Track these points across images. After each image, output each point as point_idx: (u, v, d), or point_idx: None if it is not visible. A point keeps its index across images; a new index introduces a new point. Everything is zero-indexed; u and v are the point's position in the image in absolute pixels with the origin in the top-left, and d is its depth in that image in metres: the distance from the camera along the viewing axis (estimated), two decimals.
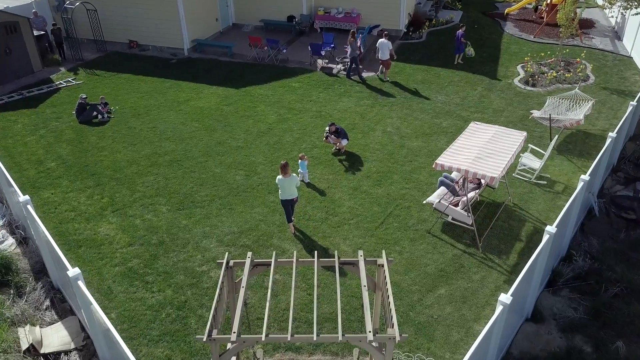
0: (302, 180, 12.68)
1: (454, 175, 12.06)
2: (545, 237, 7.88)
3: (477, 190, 11.13)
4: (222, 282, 6.19)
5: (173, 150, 14.28)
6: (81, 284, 6.71)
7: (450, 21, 24.86)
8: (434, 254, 10.45)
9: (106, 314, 8.82)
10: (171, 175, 13.14)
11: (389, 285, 6.18)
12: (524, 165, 13.06)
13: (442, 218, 11.24)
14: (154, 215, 11.57)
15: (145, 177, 13.06)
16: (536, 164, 12.91)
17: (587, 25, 24.14)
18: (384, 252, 6.82)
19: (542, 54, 20.69)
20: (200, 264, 10.13)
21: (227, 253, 6.73)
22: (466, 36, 20.02)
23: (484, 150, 10.46)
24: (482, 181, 11.36)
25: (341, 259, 6.57)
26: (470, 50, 20.15)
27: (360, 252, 6.64)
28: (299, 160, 12.70)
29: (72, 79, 19.11)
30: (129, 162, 13.70)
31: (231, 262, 6.61)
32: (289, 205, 10.82)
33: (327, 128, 14.01)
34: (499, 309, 6.54)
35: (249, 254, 6.69)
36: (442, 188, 11.46)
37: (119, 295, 9.33)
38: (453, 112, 16.36)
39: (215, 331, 5.70)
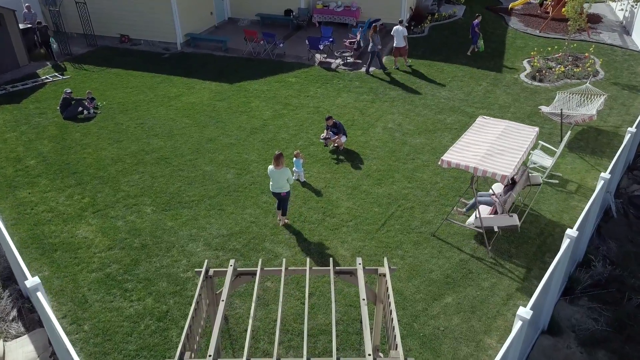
0: (298, 180, 11.86)
1: (490, 191, 11.14)
2: (566, 242, 7.06)
3: (511, 192, 10.21)
4: (200, 295, 5.37)
5: (161, 148, 13.46)
6: (41, 295, 5.89)
7: (453, 15, 24.09)
8: (440, 258, 9.63)
9: (79, 325, 8.03)
10: (158, 173, 12.32)
11: (391, 299, 5.36)
12: (535, 163, 12.24)
13: (453, 221, 10.38)
14: (138, 217, 10.75)
15: (130, 175, 12.23)
16: (547, 161, 12.09)
17: (594, 20, 23.37)
18: (385, 259, 6.00)
19: (549, 49, 19.90)
20: (185, 269, 9.31)
21: (206, 260, 5.91)
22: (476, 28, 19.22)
23: (494, 147, 9.64)
24: (516, 178, 10.44)
25: (337, 268, 5.75)
26: (480, 44, 19.42)
27: (359, 260, 5.82)
28: (294, 158, 11.90)
29: (59, 74, 18.29)
30: (114, 160, 12.88)
31: (211, 271, 5.79)
32: (277, 198, 10.20)
33: (324, 133, 13.16)
34: (517, 324, 5.71)
35: (232, 262, 5.86)
36: (482, 207, 10.45)
37: (94, 304, 8.49)
38: (457, 107, 15.55)
39: (187, 354, 4.87)
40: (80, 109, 15.23)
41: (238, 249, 9.83)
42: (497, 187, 11.00)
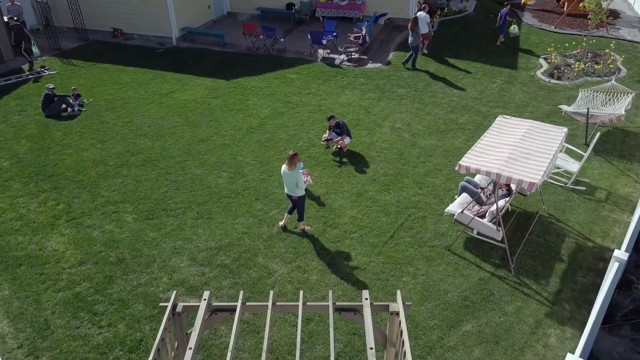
0: None
1: (477, 179, 10.06)
2: (614, 267, 5.89)
3: (507, 198, 9.11)
4: (163, 340, 4.21)
5: (148, 148, 12.33)
6: None
7: (464, 10, 22.86)
8: (456, 277, 8.45)
9: (36, 358, 6.88)
10: (143, 177, 11.19)
11: (406, 345, 4.18)
12: (559, 168, 11.05)
13: (465, 232, 9.23)
14: (117, 226, 9.62)
15: (111, 179, 11.10)
16: (573, 166, 10.90)
17: (612, 15, 22.13)
18: (399, 293, 4.82)
19: (567, 45, 18.67)
20: (165, 289, 8.16)
21: (173, 292, 4.77)
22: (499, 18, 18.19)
23: (517, 150, 8.46)
24: (512, 187, 9.36)
25: (338, 304, 4.58)
26: (514, 29, 18.82)
27: (366, 294, 4.64)
28: None
29: (45, 69, 17.19)
30: (95, 162, 11.75)
31: (179, 306, 4.63)
32: (290, 200, 9.22)
33: (326, 133, 12.00)
34: None
35: (205, 294, 4.70)
36: (465, 195, 9.47)
37: (57, 331, 7.35)
38: (470, 106, 14.35)
39: None
40: (63, 106, 14.12)
41: (227, 265, 8.67)
42: (482, 177, 9.94)
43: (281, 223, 9.48)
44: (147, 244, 9.13)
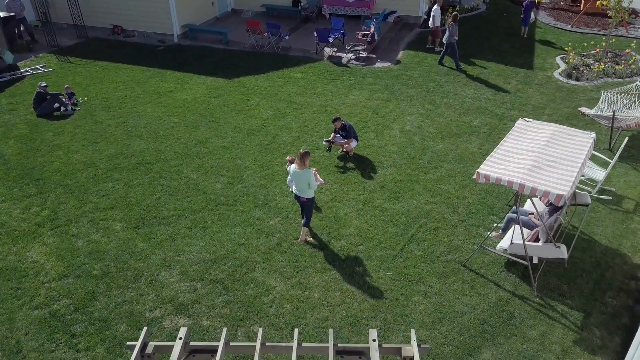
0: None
1: (527, 207, 9.18)
2: None
3: (557, 212, 8.22)
4: None
5: (143, 151, 11.61)
6: None
7: (476, 8, 22.09)
8: (472, 296, 7.66)
9: None
10: (135, 181, 10.47)
11: None
12: (582, 176, 10.22)
13: (489, 249, 8.39)
14: (104, 235, 8.90)
15: (101, 183, 10.40)
16: (599, 173, 10.08)
17: (632, 14, 21.25)
18: (413, 332, 4.04)
19: (585, 44, 17.82)
20: (152, 307, 7.42)
21: (144, 328, 4.03)
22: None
23: (542, 157, 7.66)
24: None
25: (340, 346, 3.82)
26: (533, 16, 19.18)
27: (373, 334, 3.87)
28: (287, 165, 10.00)
29: (41, 66, 16.55)
30: (86, 165, 11.05)
31: (150, 346, 3.89)
32: (298, 202, 8.61)
33: (331, 136, 11.24)
34: None
35: (182, 332, 3.96)
36: (515, 228, 8.52)
37: (28, 355, 6.63)
38: (485, 108, 13.54)
39: None
40: (56, 105, 13.44)
41: (221, 280, 7.93)
42: (535, 203, 9.05)
43: (301, 238, 8.74)
44: (135, 256, 8.40)
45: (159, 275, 8.01)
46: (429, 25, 17.01)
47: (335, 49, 17.38)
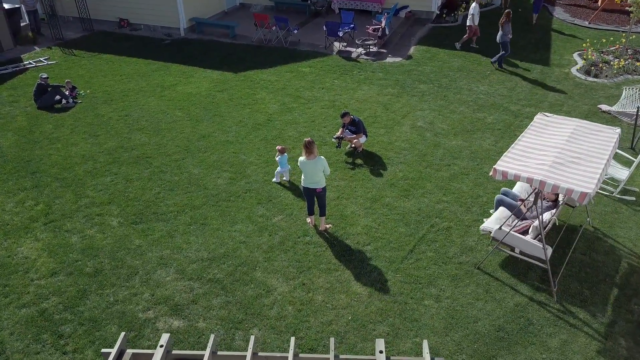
0: (279, 183, 9.62)
1: (516, 189, 8.75)
2: None
3: (553, 211, 7.77)
4: None
5: (144, 144, 11.22)
6: None
7: (490, 3, 21.53)
8: (487, 301, 7.16)
9: None
10: (134, 175, 10.07)
11: None
12: (606, 175, 9.66)
13: (503, 250, 7.91)
14: (99, 231, 8.49)
15: (99, 177, 10.00)
16: (622, 173, 9.53)
17: None
18: (425, 343, 3.55)
19: (604, 40, 17.21)
20: (146, 307, 7.00)
21: (122, 334, 3.59)
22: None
23: (564, 153, 7.15)
24: (560, 197, 8.03)
25: (341, 357, 3.34)
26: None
27: (380, 345, 3.39)
28: (277, 155, 9.60)
29: (44, 59, 16.23)
30: (84, 158, 10.67)
31: (127, 354, 3.45)
32: (310, 196, 8.20)
33: (339, 131, 10.77)
34: None
35: (164, 338, 3.52)
36: (502, 209, 8.15)
37: (12, 356, 6.22)
38: (499, 104, 13.01)
39: None
40: (57, 97, 13.09)
41: (219, 280, 7.49)
42: (521, 187, 8.69)
43: (311, 223, 8.55)
44: (130, 253, 7.99)
45: (154, 273, 7.58)
46: (467, 24, 16.41)
47: (345, 44, 16.91)
